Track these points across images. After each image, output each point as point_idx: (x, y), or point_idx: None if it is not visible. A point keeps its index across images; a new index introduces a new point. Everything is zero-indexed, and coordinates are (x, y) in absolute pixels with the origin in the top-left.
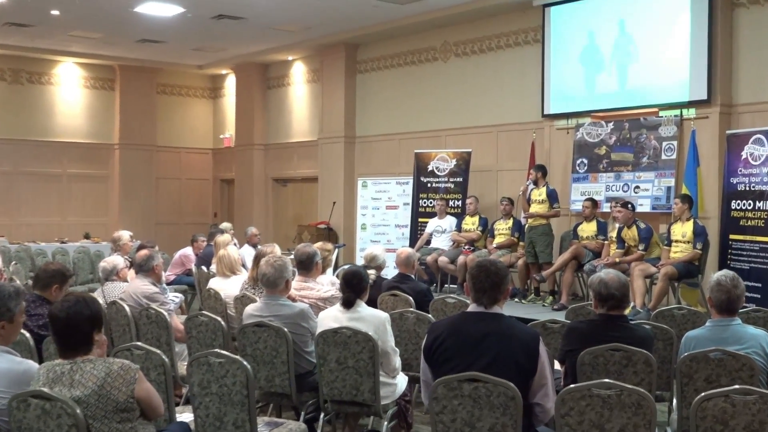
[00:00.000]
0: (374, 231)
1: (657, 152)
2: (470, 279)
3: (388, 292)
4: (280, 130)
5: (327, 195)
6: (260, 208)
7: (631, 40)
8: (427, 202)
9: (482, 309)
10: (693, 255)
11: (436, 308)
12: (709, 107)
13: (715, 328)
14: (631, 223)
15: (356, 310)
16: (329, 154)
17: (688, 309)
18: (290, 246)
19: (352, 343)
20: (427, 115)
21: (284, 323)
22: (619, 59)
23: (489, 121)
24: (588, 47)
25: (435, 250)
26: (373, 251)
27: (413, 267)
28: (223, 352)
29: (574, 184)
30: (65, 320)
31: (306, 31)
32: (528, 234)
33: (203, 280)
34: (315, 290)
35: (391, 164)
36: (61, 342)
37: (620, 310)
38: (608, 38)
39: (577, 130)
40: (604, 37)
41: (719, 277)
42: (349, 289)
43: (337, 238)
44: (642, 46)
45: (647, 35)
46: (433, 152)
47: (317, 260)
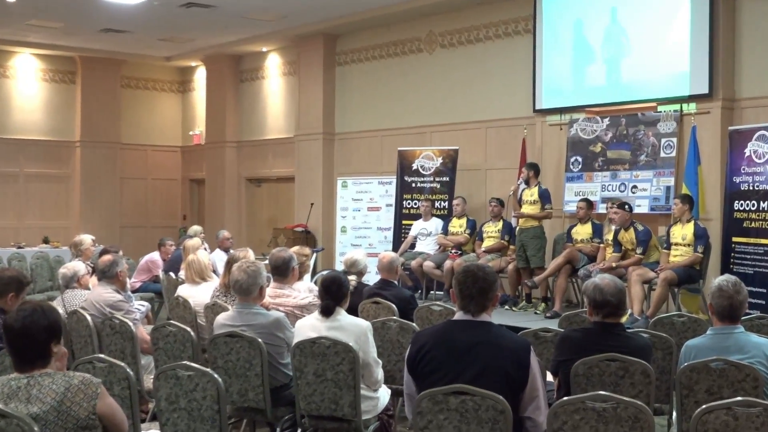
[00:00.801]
0: (355, 234)
1: (655, 150)
2: (457, 285)
3: (370, 300)
4: (254, 126)
5: (304, 196)
6: (232, 209)
7: (628, 29)
8: (412, 203)
9: (469, 317)
10: (694, 259)
11: (420, 316)
12: (711, 102)
13: (716, 336)
14: (629, 225)
15: (336, 318)
16: (307, 152)
17: (688, 316)
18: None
19: (331, 354)
20: (411, 111)
21: (258, 333)
22: (616, 50)
23: (477, 117)
24: (582, 37)
25: (420, 254)
26: (353, 256)
27: (396, 272)
28: (193, 365)
29: (568, 184)
30: (21, 331)
31: (281, 20)
32: (519, 237)
33: (171, 287)
34: (291, 298)
35: (373, 163)
36: (16, 354)
37: (616, 318)
38: (603, 28)
39: (571, 126)
40: (599, 27)
41: (721, 283)
42: (328, 296)
43: (315, 241)
44: (640, 37)
45: (644, 25)
46: (417, 150)
47: (293, 265)
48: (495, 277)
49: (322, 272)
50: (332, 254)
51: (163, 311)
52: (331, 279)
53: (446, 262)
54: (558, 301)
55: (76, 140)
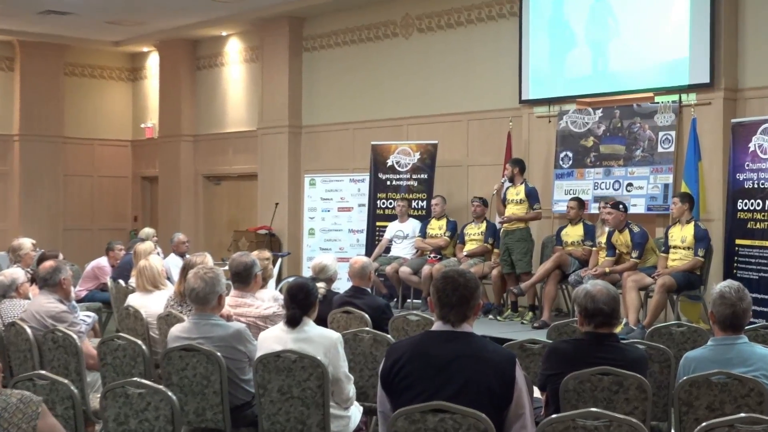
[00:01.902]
0: (324, 237)
1: (652, 144)
2: (435, 292)
3: (340, 309)
4: (213, 118)
5: (268, 195)
6: (189, 210)
7: (620, 12)
8: (386, 202)
9: (449, 327)
10: (694, 263)
11: (396, 327)
12: (712, 92)
13: (718, 347)
14: (623, 227)
15: (303, 329)
16: (271, 146)
17: (688, 326)
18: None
19: (298, 369)
20: (385, 101)
21: (217, 346)
22: (607, 36)
23: (458, 108)
24: (572, 21)
25: (395, 259)
26: (322, 261)
27: (369, 279)
28: (144, 382)
29: (558, 181)
30: None
31: (243, 1)
32: (503, 240)
33: (120, 296)
34: (254, 307)
35: (344, 158)
36: None
37: (610, 328)
38: (597, 12)
39: (561, 118)
40: (591, 11)
41: (723, 289)
42: (295, 304)
43: (281, 245)
44: (636, 20)
45: (640, 7)
46: (392, 144)
47: (256, 271)
48: (477, 284)
49: (287, 279)
50: (299, 259)
51: (112, 323)
52: (298, 286)
53: (424, 267)
54: (546, 310)
55: (14, 134)
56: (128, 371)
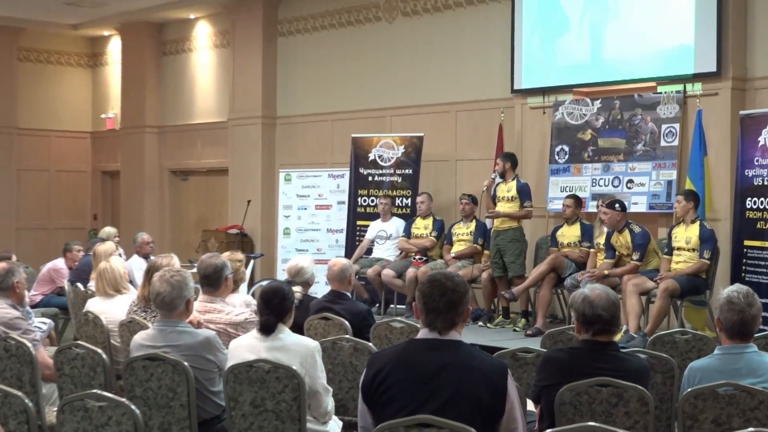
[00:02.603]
0: (300, 237)
1: (655, 138)
2: (421, 297)
3: (318, 315)
4: (180, 108)
5: (240, 191)
6: (153, 208)
7: None
8: (368, 200)
9: (436, 335)
10: (699, 266)
11: (378, 335)
12: (719, 81)
13: (725, 356)
14: (623, 227)
15: (277, 337)
16: (243, 139)
17: (693, 333)
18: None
19: (272, 380)
20: (367, 91)
21: (184, 355)
22: (606, 21)
23: (445, 98)
24: (570, 5)
25: (377, 261)
26: (298, 263)
27: (349, 282)
28: (105, 394)
29: (553, 178)
30: None
31: None
32: (494, 240)
33: (79, 300)
34: (224, 313)
35: (322, 152)
36: None
37: (609, 336)
38: None
39: (556, 109)
40: None
41: (730, 294)
42: (268, 310)
43: (253, 246)
44: (637, 4)
45: None
46: (375, 137)
47: (227, 274)
48: (466, 288)
49: (260, 282)
50: (273, 261)
51: (69, 330)
52: (272, 291)
53: (409, 270)
54: (540, 317)
55: None
56: (87, 382)
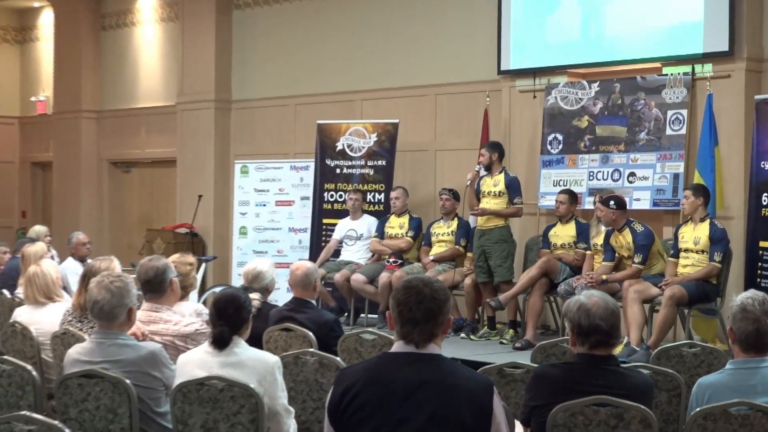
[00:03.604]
0: (259, 237)
1: (660, 125)
2: (395, 306)
3: (279, 326)
4: (121, 90)
5: (190, 185)
6: (91, 204)
7: None
8: (335, 195)
9: (412, 348)
10: (709, 270)
11: (347, 348)
12: (732, 62)
13: (738, 372)
14: (623, 225)
15: (232, 351)
16: (193, 125)
17: (702, 346)
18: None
19: (226, 400)
20: (335, 71)
21: (126, 372)
22: None
23: (424, 80)
24: None
25: (347, 264)
26: (256, 267)
27: (315, 289)
28: (35, 416)
29: (545, 170)
30: None
31: None
32: (479, 241)
33: (5, 309)
34: (171, 323)
35: (284, 141)
36: None
37: (608, 349)
38: None
39: (549, 93)
40: None
41: (744, 301)
42: (222, 321)
43: (205, 247)
44: None
45: None
46: (343, 124)
47: (171, 277)
48: (447, 295)
49: (213, 289)
50: (228, 264)
51: None
52: (226, 298)
53: (382, 274)
54: (531, 327)
55: None
56: (15, 403)
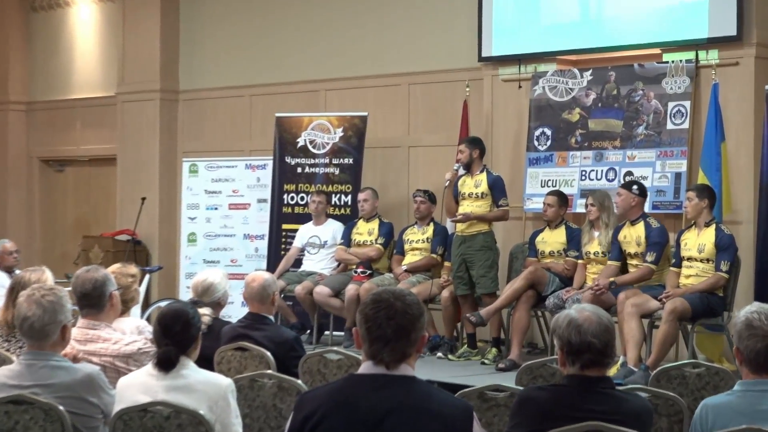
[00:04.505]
0: (210, 245)
1: (660, 119)
2: (364, 321)
3: (232, 345)
4: (54, 79)
5: (132, 186)
6: (19, 207)
7: None
8: (297, 197)
9: (382, 370)
10: (715, 281)
11: (309, 369)
12: (740, 48)
13: (746, 394)
14: (638, 218)
15: (179, 374)
16: (136, 119)
17: (707, 366)
18: (70, 270)
19: (173, 428)
20: (295, 58)
21: (59, 397)
22: None
23: (395, 68)
24: None
25: (309, 275)
26: (207, 278)
27: (273, 303)
28: None
29: (531, 169)
30: None
31: None
32: (458, 249)
33: None
34: (111, 342)
35: (238, 136)
36: None
37: (602, 369)
38: None
39: (536, 82)
40: None
41: (750, 316)
42: (168, 339)
43: (149, 257)
44: None
45: None
46: (305, 117)
47: (111, 290)
48: (421, 310)
49: (158, 303)
50: (174, 276)
51: None
52: (173, 314)
53: (349, 286)
54: (516, 345)
55: None
56: None
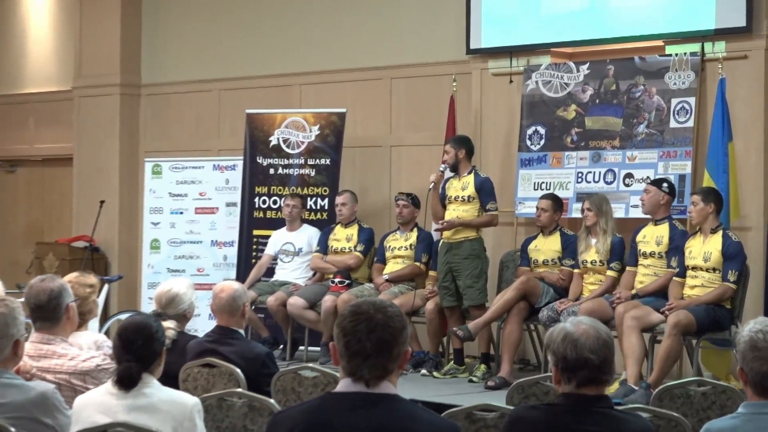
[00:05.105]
0: (174, 252)
1: (662, 116)
2: (342, 335)
3: (199, 361)
4: (4, 72)
5: (90, 188)
6: None
7: None
8: (269, 201)
9: (362, 388)
10: (722, 291)
11: (282, 387)
12: (750, 39)
13: (753, 417)
14: (663, 218)
15: (142, 392)
16: (94, 115)
17: (713, 384)
18: (22, 280)
19: None
20: (268, 50)
21: (10, 418)
22: None
23: (376, 61)
24: None
25: (282, 285)
26: (172, 288)
27: (243, 315)
28: None
29: (523, 170)
30: None
31: None
32: (444, 257)
33: None
34: (67, 358)
35: (205, 134)
36: None
37: (599, 388)
38: None
39: (528, 76)
40: None
41: (754, 337)
42: (129, 355)
43: (108, 265)
44: None
45: None
46: (279, 113)
47: (67, 302)
48: (404, 323)
49: (118, 316)
50: (136, 286)
51: None
52: (135, 327)
53: (325, 298)
54: (507, 362)
55: None
56: None
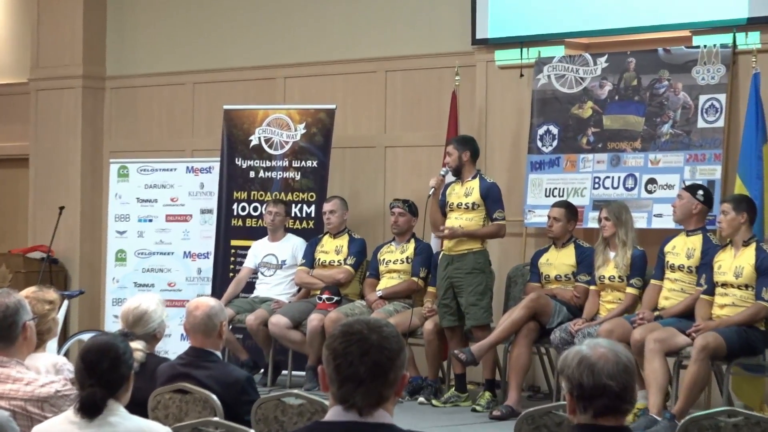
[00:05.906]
0: (143, 264)
1: (689, 115)
2: (331, 358)
3: (171, 386)
4: None
5: (48, 193)
6: None
7: None
8: (249, 207)
9: (354, 417)
10: (756, 311)
11: (264, 416)
12: None
13: None
14: (696, 230)
15: (107, 421)
16: (53, 111)
17: (745, 414)
18: None
19: None
20: (248, 39)
21: None
22: None
23: (370, 51)
24: None
25: (263, 302)
26: (140, 305)
27: (220, 336)
28: None
29: (534, 175)
30: None
31: None
32: (445, 271)
33: None
34: (23, 383)
35: (178, 132)
36: None
37: (619, 418)
38: None
39: (540, 70)
40: None
41: None
42: (93, 380)
43: (68, 278)
44: None
45: None
46: (260, 110)
47: (25, 320)
48: (401, 344)
49: (80, 335)
50: (99, 302)
51: None
52: (99, 349)
53: (311, 316)
54: (514, 389)
55: None
56: None
